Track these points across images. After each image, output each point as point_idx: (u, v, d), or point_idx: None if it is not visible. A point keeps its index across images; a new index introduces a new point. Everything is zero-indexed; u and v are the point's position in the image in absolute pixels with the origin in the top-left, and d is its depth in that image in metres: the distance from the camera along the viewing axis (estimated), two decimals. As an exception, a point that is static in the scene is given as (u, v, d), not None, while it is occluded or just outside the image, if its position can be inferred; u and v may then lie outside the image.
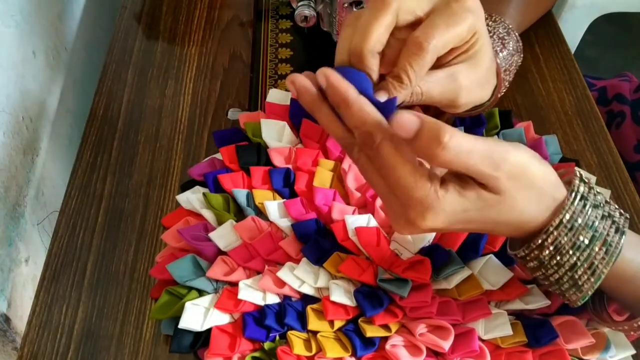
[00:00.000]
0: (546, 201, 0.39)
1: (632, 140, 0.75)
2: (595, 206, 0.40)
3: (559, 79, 0.70)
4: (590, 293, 0.41)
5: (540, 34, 0.74)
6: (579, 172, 0.41)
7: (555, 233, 0.39)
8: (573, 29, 0.96)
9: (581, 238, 0.39)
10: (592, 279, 0.40)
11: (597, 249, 0.39)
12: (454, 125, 0.61)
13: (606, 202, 0.41)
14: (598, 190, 0.41)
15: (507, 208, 0.38)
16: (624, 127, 0.76)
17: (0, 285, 0.59)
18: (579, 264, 0.40)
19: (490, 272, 0.50)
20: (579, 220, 0.39)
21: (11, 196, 0.62)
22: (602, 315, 0.46)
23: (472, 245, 0.52)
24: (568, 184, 0.40)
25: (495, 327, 0.48)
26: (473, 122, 0.61)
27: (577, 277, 0.40)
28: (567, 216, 0.39)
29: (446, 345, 0.47)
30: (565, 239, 0.39)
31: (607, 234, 0.40)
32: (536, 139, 0.60)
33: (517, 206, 0.38)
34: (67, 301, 0.53)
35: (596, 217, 0.39)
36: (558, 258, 0.40)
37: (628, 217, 0.41)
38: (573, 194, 0.39)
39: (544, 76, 0.70)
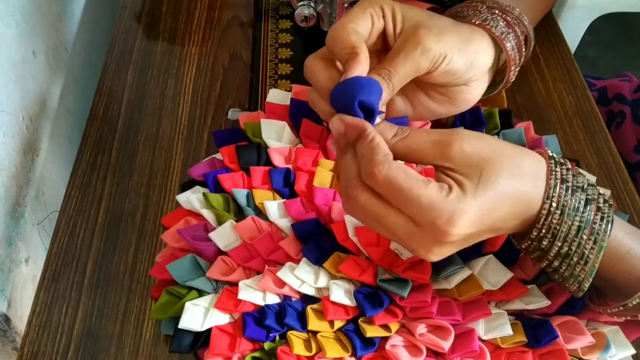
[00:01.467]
0: (529, 172, 0.40)
1: (632, 140, 0.75)
2: (578, 188, 0.41)
3: (559, 79, 0.70)
4: (596, 265, 0.41)
5: (540, 34, 0.74)
6: (552, 154, 0.42)
7: (555, 196, 0.40)
8: (573, 29, 0.96)
9: (578, 199, 0.40)
10: (595, 247, 0.40)
11: (585, 237, 0.40)
12: (454, 125, 0.61)
13: (589, 184, 0.42)
14: (580, 171, 0.42)
15: (500, 177, 0.39)
16: (624, 127, 0.76)
17: (0, 285, 0.59)
18: (582, 226, 0.40)
19: (490, 272, 0.50)
20: (565, 204, 0.40)
21: (11, 196, 0.62)
22: (595, 301, 0.47)
23: (472, 245, 0.51)
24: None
25: (495, 327, 0.48)
26: (473, 122, 0.61)
27: (582, 243, 0.41)
28: (554, 204, 0.40)
29: (446, 345, 0.47)
30: (559, 225, 0.40)
31: (598, 202, 0.41)
32: (536, 139, 0.60)
33: (507, 173, 0.39)
34: (67, 301, 0.53)
35: (580, 202, 0.40)
36: (558, 244, 0.41)
37: (612, 203, 0.41)
38: (553, 180, 0.40)
39: (544, 76, 0.70)
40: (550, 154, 0.42)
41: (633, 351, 0.48)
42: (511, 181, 0.39)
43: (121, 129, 0.66)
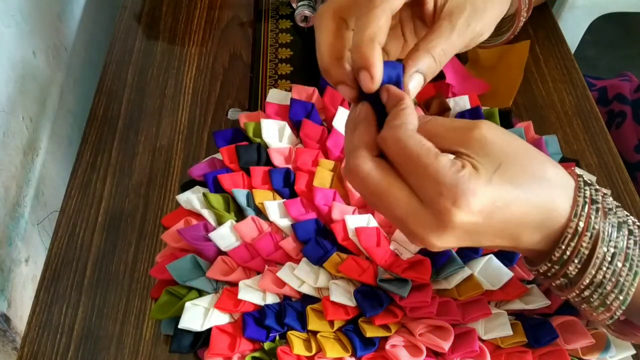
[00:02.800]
0: (554, 179, 0.36)
1: (633, 140, 0.75)
2: (609, 210, 0.37)
3: (559, 79, 0.70)
4: (618, 313, 0.38)
5: (540, 34, 0.74)
6: (580, 175, 0.38)
7: (573, 244, 0.36)
8: (573, 29, 0.96)
9: (604, 249, 0.36)
10: (621, 297, 0.37)
11: (620, 265, 0.36)
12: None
13: (617, 206, 0.38)
14: (605, 192, 0.38)
15: (521, 173, 0.35)
16: (625, 127, 0.76)
17: (0, 285, 0.59)
18: (617, 252, 0.36)
19: (490, 272, 0.50)
20: (596, 227, 0.36)
21: (11, 196, 0.62)
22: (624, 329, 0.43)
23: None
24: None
25: (495, 327, 0.48)
26: (473, 122, 0.61)
27: (605, 294, 0.37)
28: (582, 224, 0.36)
29: (446, 345, 0.47)
30: (598, 222, 0.36)
31: (627, 247, 0.37)
32: (536, 139, 0.60)
33: (529, 172, 0.35)
34: (67, 301, 0.53)
35: (612, 225, 0.37)
36: (592, 272, 0.36)
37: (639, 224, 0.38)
38: (582, 198, 0.36)
39: (544, 76, 0.70)
40: (579, 173, 0.38)
41: (633, 351, 0.48)
42: (533, 183, 0.35)
43: (121, 129, 0.66)
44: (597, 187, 0.38)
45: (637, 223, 0.38)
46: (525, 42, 0.71)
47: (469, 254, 0.51)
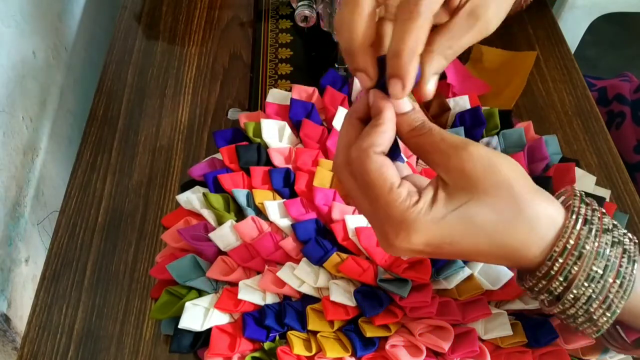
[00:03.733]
0: (531, 219, 0.36)
1: (632, 140, 0.75)
2: (605, 231, 0.37)
3: (559, 79, 0.70)
4: (605, 328, 0.38)
5: (540, 34, 0.74)
6: (579, 192, 0.38)
7: (560, 260, 0.36)
8: (573, 29, 0.96)
9: (594, 268, 0.36)
10: (608, 314, 0.37)
11: (610, 281, 0.36)
12: (454, 125, 0.61)
13: (614, 225, 0.38)
14: (604, 211, 0.38)
15: (488, 213, 0.35)
16: (624, 128, 0.76)
17: (0, 285, 0.59)
18: (593, 296, 0.36)
19: (490, 272, 0.50)
20: (587, 247, 0.36)
21: (11, 196, 0.62)
22: (613, 338, 0.43)
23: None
24: (567, 208, 0.37)
25: (495, 327, 0.48)
26: (473, 122, 0.61)
27: (592, 310, 0.37)
28: (572, 241, 0.36)
29: (446, 345, 0.47)
30: (576, 268, 0.36)
31: (620, 264, 0.36)
32: (536, 139, 0.60)
33: (498, 212, 0.35)
34: (67, 301, 0.53)
35: (606, 243, 0.36)
36: (575, 292, 0.36)
37: (637, 241, 0.38)
38: (574, 216, 0.36)
39: (544, 76, 0.70)
40: (577, 208, 0.37)
41: (633, 351, 0.48)
42: (500, 223, 0.35)
43: (121, 129, 0.66)
44: (595, 206, 0.38)
45: (634, 259, 0.37)
46: (532, 53, 0.71)
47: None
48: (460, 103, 0.63)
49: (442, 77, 0.64)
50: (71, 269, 0.55)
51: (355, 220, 0.53)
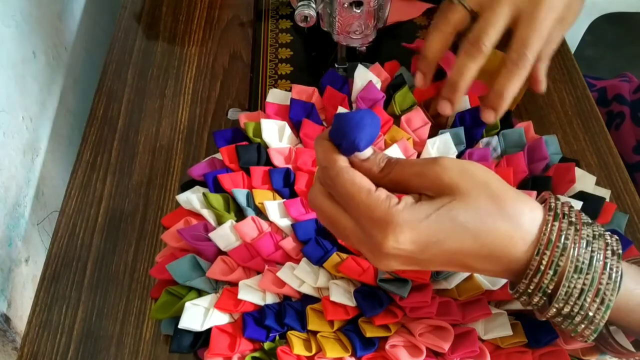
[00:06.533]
0: (513, 215, 0.37)
1: (632, 141, 0.75)
2: (584, 224, 0.38)
3: (559, 79, 0.70)
4: (602, 324, 0.38)
5: (540, 34, 0.74)
6: (553, 195, 0.40)
7: (547, 252, 0.37)
8: (573, 29, 0.96)
9: (580, 259, 0.37)
10: (602, 307, 0.37)
11: (599, 272, 0.37)
12: (454, 125, 0.61)
13: (592, 222, 0.39)
14: (579, 210, 0.39)
15: (470, 211, 0.36)
16: (624, 128, 0.76)
17: (0, 285, 0.59)
18: (585, 289, 0.37)
19: (490, 272, 0.50)
20: (570, 238, 0.37)
21: (11, 196, 0.62)
22: (608, 343, 0.44)
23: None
24: (544, 206, 0.39)
25: (495, 327, 0.48)
26: (473, 122, 0.61)
27: (587, 306, 0.37)
28: (554, 234, 0.37)
29: (446, 345, 0.47)
30: (563, 259, 0.37)
31: (605, 256, 0.38)
32: (536, 139, 0.60)
33: (479, 209, 0.36)
34: (67, 301, 0.53)
35: (588, 235, 0.38)
36: (566, 284, 0.37)
37: (620, 253, 0.39)
38: (552, 212, 0.38)
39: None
40: (553, 204, 0.39)
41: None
42: (482, 219, 0.36)
43: (121, 129, 0.66)
44: (572, 218, 0.39)
45: (618, 252, 0.38)
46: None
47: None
48: (461, 103, 0.62)
49: (443, 77, 0.64)
50: (71, 269, 0.55)
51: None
